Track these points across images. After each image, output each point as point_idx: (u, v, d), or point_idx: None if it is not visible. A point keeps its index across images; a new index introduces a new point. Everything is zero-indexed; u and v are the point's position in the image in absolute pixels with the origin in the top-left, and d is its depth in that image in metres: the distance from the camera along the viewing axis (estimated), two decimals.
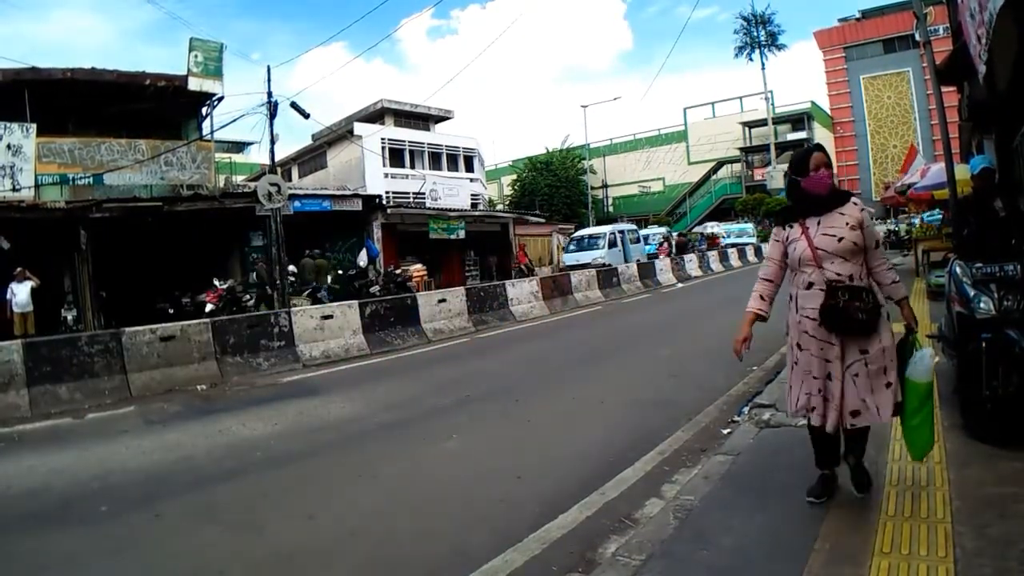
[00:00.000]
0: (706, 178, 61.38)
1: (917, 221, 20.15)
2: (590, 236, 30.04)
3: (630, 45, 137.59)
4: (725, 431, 6.05)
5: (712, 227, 44.89)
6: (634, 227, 33.85)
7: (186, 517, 5.12)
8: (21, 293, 15.79)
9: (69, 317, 17.52)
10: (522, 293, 16.78)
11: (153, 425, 8.26)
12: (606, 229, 30.36)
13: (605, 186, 64.42)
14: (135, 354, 10.32)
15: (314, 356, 12.02)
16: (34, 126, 19.64)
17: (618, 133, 69.15)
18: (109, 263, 18.93)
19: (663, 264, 25.28)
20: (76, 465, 6.78)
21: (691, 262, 27.35)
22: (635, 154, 66.12)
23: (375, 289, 20.10)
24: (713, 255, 30.64)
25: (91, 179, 20.52)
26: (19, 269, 16.04)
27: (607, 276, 20.93)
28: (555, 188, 53.94)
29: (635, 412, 7.04)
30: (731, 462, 5.05)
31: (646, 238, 34.83)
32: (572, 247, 30.34)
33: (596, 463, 5.47)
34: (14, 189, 18.90)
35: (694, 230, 48.14)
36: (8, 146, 19.16)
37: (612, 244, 28.65)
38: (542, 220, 38.81)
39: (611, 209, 63.25)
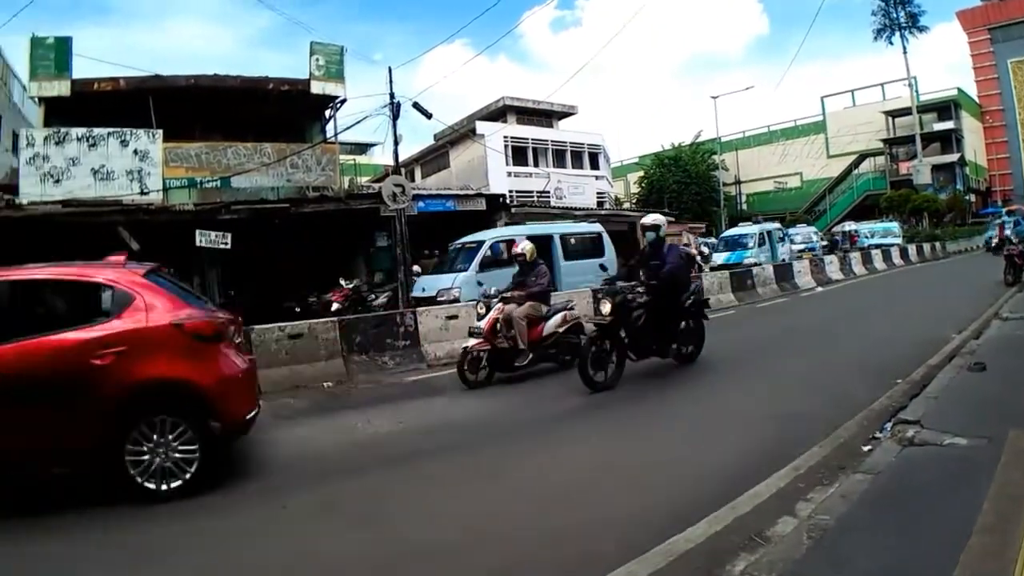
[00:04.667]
0: (847, 172, 57.65)
1: None
2: (738, 236, 29.68)
3: (764, 30, 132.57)
4: (865, 448, 5.70)
5: (850, 226, 42.75)
6: (779, 226, 32.75)
7: (312, 509, 5.31)
8: None
9: None
10: None
11: (282, 420, 8.59)
12: (754, 228, 29.72)
13: (738, 182, 62.27)
14: (264, 351, 10.74)
15: (439, 356, 12.21)
16: (160, 132, 20.86)
17: (751, 125, 65.94)
18: (237, 263, 19.73)
19: (801, 266, 24.15)
20: None
21: (831, 264, 25.95)
22: (770, 148, 63.27)
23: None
24: (855, 256, 29.06)
25: (219, 182, 21.63)
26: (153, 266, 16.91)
27: (741, 278, 20.30)
28: (684, 185, 52.37)
29: (769, 424, 6.73)
30: (870, 481, 4.78)
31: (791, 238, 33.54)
32: (720, 246, 30.35)
33: (728, 476, 5.26)
34: (142, 192, 20.12)
35: (833, 229, 46.06)
36: (135, 151, 20.42)
37: (761, 243, 28.08)
38: (671, 219, 37.68)
39: (744, 207, 60.87)
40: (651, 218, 10.39)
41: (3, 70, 32.75)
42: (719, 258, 28.67)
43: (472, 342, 9.95)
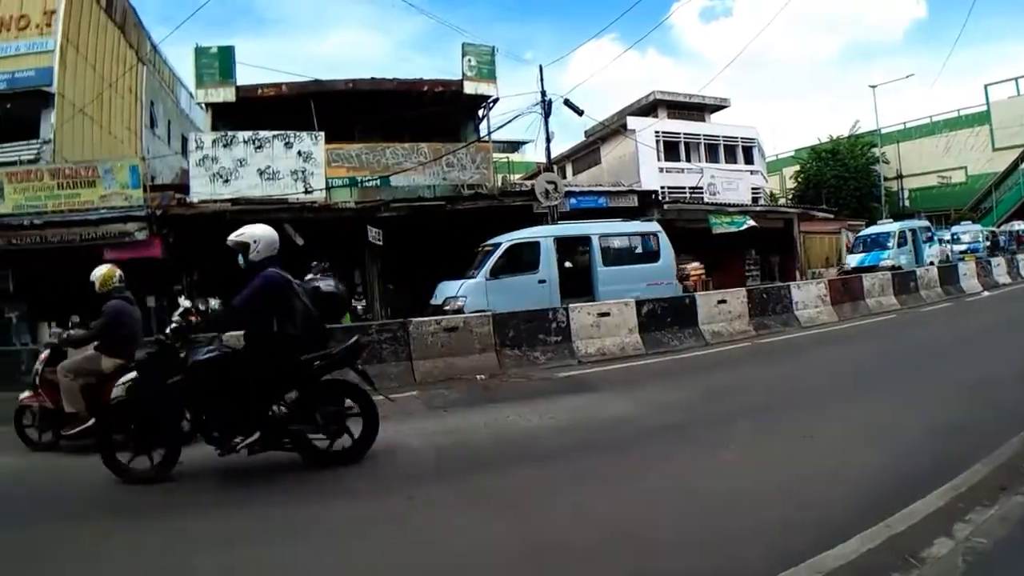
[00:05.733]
0: (1013, 167, 51.71)
1: None
2: (876, 235, 27.61)
3: (921, 13, 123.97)
4: None
5: (1018, 226, 39.31)
6: (927, 224, 30.53)
7: (460, 498, 5.42)
8: None
9: (359, 307, 19.24)
10: (808, 296, 15.63)
11: (435, 410, 8.80)
12: (895, 227, 27.72)
13: (899, 176, 58.13)
14: (420, 343, 11.13)
15: (589, 353, 12.12)
16: (322, 134, 21.90)
17: (912, 116, 61.33)
18: (396, 258, 20.36)
19: (967, 268, 22.07)
20: None
21: (999, 267, 23.59)
22: (932, 140, 57.45)
23: None
24: None
25: (378, 181, 22.41)
26: (314, 263, 17.68)
27: (903, 280, 18.77)
28: (842, 180, 48.97)
29: (928, 439, 6.15)
30: None
31: (956, 237, 31.22)
32: (858, 246, 28.07)
33: (882, 491, 4.84)
34: (306, 191, 21.15)
35: (1000, 227, 42.37)
36: (299, 153, 21.46)
37: (902, 243, 26.04)
38: (830, 216, 35.64)
39: (907, 203, 56.81)
40: (235, 235, 6.48)
41: (170, 79, 35.56)
42: (853, 260, 26.77)
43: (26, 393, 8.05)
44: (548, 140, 21.86)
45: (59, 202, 19.20)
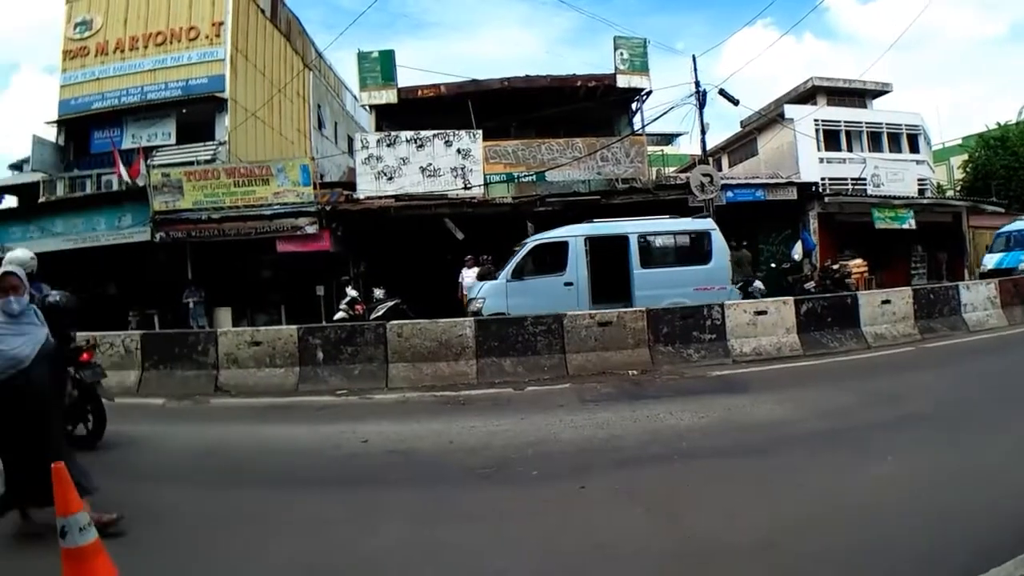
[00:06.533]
0: None
1: None
2: (1018, 232, 23.47)
3: None
4: None
5: None
6: None
7: (607, 493, 5.49)
8: (469, 277, 17.85)
9: None
10: (977, 298, 14.37)
11: (586, 403, 8.93)
12: None
13: None
14: (574, 336, 11.30)
15: (744, 352, 11.84)
16: (480, 132, 22.65)
17: None
18: None
19: None
20: (513, 430, 7.69)
21: None
22: None
23: (810, 285, 19.18)
24: None
25: (534, 176, 22.80)
26: (468, 257, 18.20)
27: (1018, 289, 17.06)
28: (1013, 170, 44.83)
29: None
30: None
31: None
32: (998, 244, 23.99)
33: None
34: (465, 187, 21.97)
35: None
36: (458, 150, 22.32)
37: None
38: (1000, 209, 32.42)
39: None
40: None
41: (336, 83, 38.03)
42: (990, 261, 23.19)
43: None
44: (703, 132, 21.50)
45: (235, 198, 21.06)
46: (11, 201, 30.83)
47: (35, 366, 4.75)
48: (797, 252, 22.68)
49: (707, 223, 15.65)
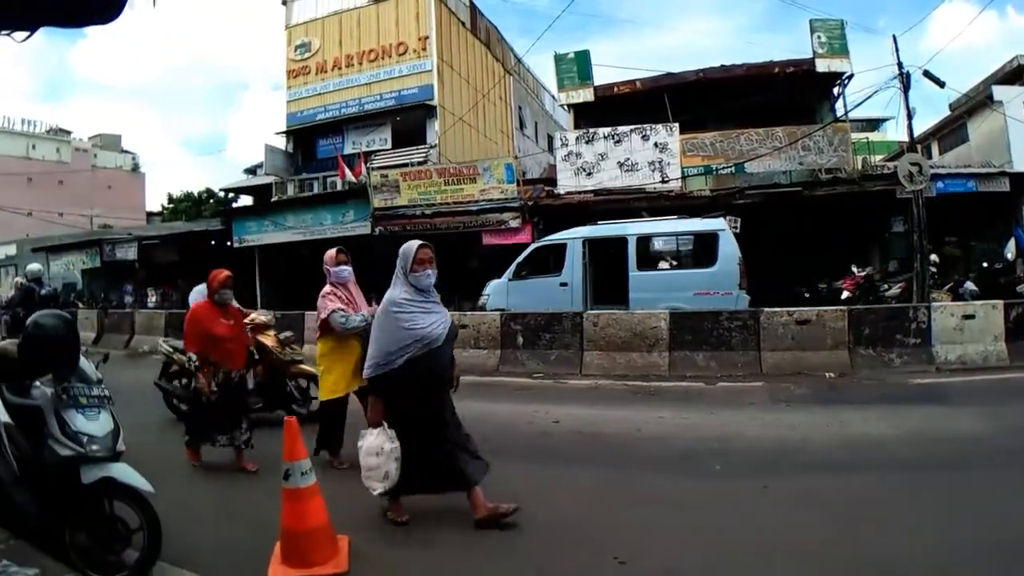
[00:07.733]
0: None
1: None
2: None
3: None
4: None
5: None
6: None
7: (788, 495, 5.51)
8: None
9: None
10: None
11: (778, 403, 9.04)
12: None
13: None
14: (770, 334, 11.34)
15: (949, 360, 11.05)
16: (676, 125, 22.72)
17: None
18: (749, 246, 20.42)
19: None
20: (701, 424, 8.04)
21: None
22: None
23: (1022, 288, 17.21)
24: None
25: (732, 168, 22.62)
26: None
27: None
28: None
29: None
30: None
31: None
32: None
33: None
34: (663, 181, 22.21)
35: None
36: (655, 144, 22.55)
37: None
38: None
39: None
40: None
41: (535, 85, 40.08)
42: None
43: None
44: (909, 117, 20.13)
45: (446, 196, 23.20)
46: (246, 200, 35.50)
47: (445, 345, 5.04)
48: (1010, 251, 20.08)
49: (716, 223, 15.31)
